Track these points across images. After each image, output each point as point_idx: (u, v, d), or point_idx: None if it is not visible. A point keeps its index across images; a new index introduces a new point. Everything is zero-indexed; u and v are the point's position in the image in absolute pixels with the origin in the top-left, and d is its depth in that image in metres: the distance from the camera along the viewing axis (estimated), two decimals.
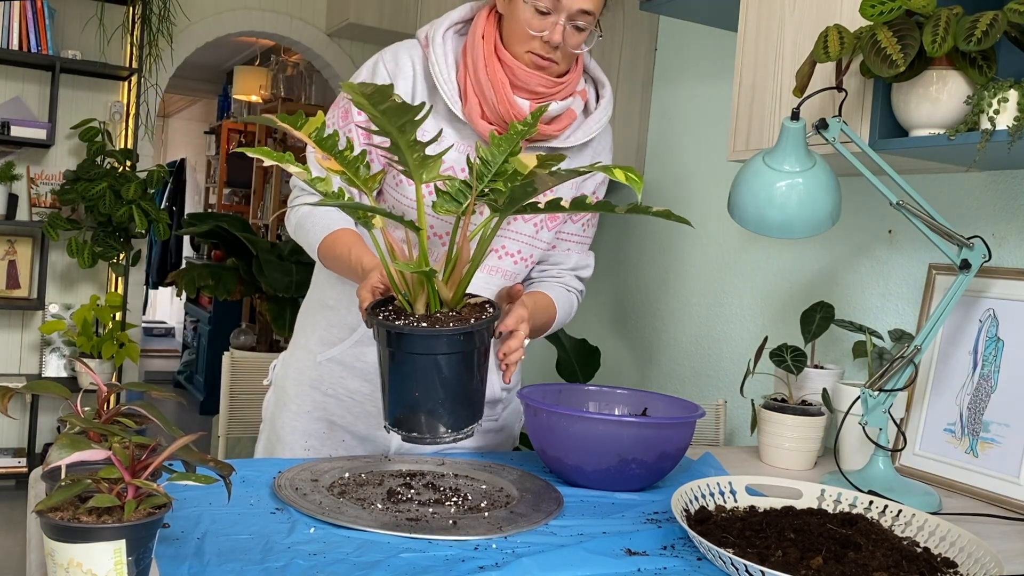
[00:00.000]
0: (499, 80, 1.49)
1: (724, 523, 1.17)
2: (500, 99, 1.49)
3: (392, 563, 1.01)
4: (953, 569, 1.08)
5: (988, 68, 1.46)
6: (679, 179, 2.76)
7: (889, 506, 1.23)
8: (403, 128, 1.14)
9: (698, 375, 2.62)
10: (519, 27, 1.47)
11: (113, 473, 0.85)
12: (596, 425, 1.37)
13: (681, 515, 1.14)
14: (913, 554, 1.10)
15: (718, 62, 2.61)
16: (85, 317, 4.23)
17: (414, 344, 1.17)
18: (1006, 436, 1.57)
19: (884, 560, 1.06)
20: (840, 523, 1.17)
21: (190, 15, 4.60)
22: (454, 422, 1.21)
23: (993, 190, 1.78)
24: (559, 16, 1.45)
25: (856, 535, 1.13)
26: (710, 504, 1.26)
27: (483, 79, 1.49)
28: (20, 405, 4.33)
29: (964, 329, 1.69)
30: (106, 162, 4.25)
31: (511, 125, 1.21)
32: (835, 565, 1.03)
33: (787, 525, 1.15)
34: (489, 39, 1.51)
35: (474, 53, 1.50)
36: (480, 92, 1.50)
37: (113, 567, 0.83)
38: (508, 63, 1.49)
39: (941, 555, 1.12)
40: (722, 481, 1.29)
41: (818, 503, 1.28)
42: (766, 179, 1.54)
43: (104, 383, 1.03)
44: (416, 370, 1.18)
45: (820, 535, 1.12)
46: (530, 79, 1.49)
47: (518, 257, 1.60)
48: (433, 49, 1.53)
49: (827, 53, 1.51)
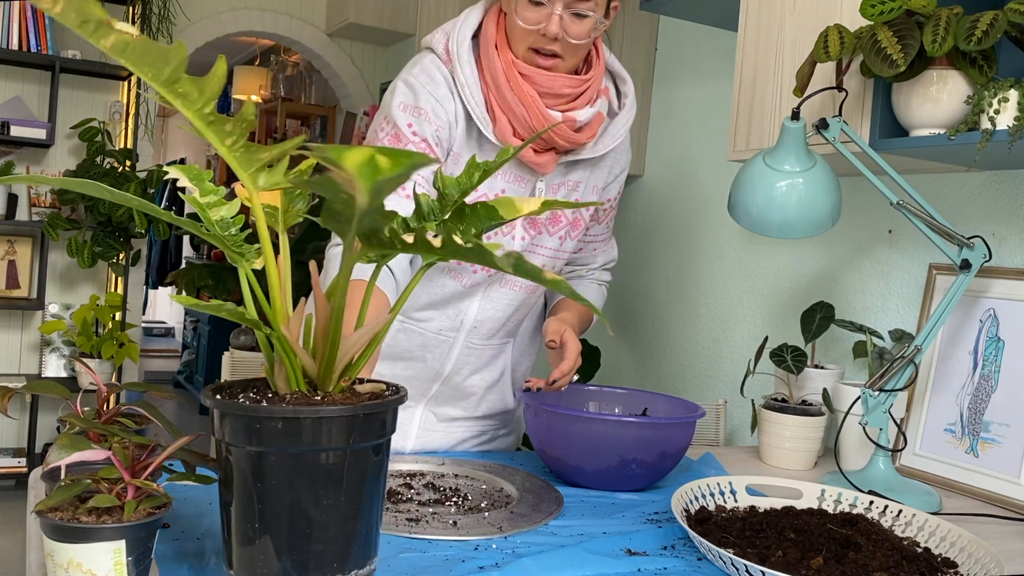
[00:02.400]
0: (527, 93, 1.40)
1: (724, 523, 1.17)
2: (533, 113, 1.40)
3: (392, 563, 1.01)
4: (954, 569, 1.08)
5: (988, 68, 1.46)
6: (679, 179, 2.76)
7: (889, 506, 1.23)
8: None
9: (698, 375, 2.62)
10: (514, 23, 1.40)
11: (113, 473, 0.85)
12: (596, 425, 1.37)
13: (681, 515, 1.14)
14: (913, 554, 1.10)
15: (718, 62, 2.61)
16: (85, 317, 4.23)
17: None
18: (1006, 436, 1.57)
19: (884, 560, 1.06)
20: (840, 523, 1.17)
21: (190, 15, 4.60)
22: None
23: (993, 190, 1.78)
24: (553, 6, 1.37)
25: (856, 535, 1.13)
26: (710, 504, 1.26)
27: (508, 96, 1.40)
28: (20, 405, 4.33)
29: (964, 329, 1.69)
30: (106, 162, 4.25)
31: (469, 163, 0.90)
32: (835, 565, 1.03)
33: (787, 525, 1.15)
34: (503, 48, 1.42)
35: (492, 67, 1.42)
36: (508, 109, 1.41)
37: (113, 567, 0.83)
38: (527, 71, 1.41)
39: (941, 555, 1.12)
40: (722, 481, 1.29)
41: (818, 503, 1.28)
42: (766, 179, 1.54)
43: (104, 383, 1.03)
44: None
45: (820, 535, 1.12)
46: (554, 83, 1.41)
47: None
48: (460, 67, 1.42)
49: (827, 53, 1.51)
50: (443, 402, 1.63)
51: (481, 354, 1.61)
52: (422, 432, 1.63)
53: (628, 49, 2.82)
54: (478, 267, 1.49)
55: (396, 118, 1.43)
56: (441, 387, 1.61)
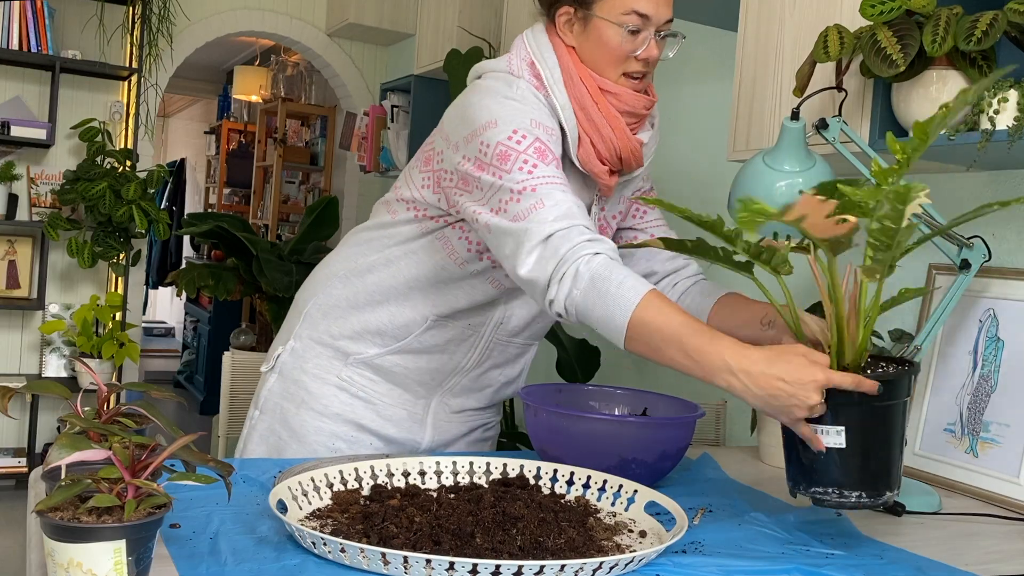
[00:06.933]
0: (614, 116, 1.44)
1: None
2: (620, 136, 1.44)
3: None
4: (595, 515, 1.19)
5: (988, 68, 1.46)
6: (679, 179, 2.75)
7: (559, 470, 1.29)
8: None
9: None
10: (607, 52, 1.42)
11: (113, 473, 0.85)
12: (596, 425, 1.37)
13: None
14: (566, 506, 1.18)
15: (718, 62, 2.61)
16: (85, 317, 4.23)
17: (897, 390, 1.13)
18: (1006, 436, 1.57)
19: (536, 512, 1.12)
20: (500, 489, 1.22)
21: (190, 15, 4.60)
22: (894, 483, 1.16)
23: (993, 190, 1.78)
24: (649, 31, 1.42)
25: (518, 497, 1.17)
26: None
27: (597, 118, 1.43)
28: (20, 405, 4.33)
29: (964, 329, 1.69)
30: (106, 162, 4.25)
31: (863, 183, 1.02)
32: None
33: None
34: (587, 77, 1.44)
35: (579, 94, 1.43)
36: (595, 132, 1.44)
37: (113, 567, 0.83)
38: (614, 92, 1.44)
39: (592, 504, 1.22)
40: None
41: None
42: (766, 179, 1.53)
43: (104, 383, 1.03)
44: (887, 422, 1.14)
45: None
46: (637, 103, 1.46)
47: None
48: (556, 93, 1.44)
49: (827, 53, 1.51)
50: (458, 394, 1.64)
51: (505, 350, 1.62)
52: (436, 423, 1.63)
53: None
54: None
55: (536, 133, 1.36)
56: (459, 379, 1.61)
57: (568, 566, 0.95)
